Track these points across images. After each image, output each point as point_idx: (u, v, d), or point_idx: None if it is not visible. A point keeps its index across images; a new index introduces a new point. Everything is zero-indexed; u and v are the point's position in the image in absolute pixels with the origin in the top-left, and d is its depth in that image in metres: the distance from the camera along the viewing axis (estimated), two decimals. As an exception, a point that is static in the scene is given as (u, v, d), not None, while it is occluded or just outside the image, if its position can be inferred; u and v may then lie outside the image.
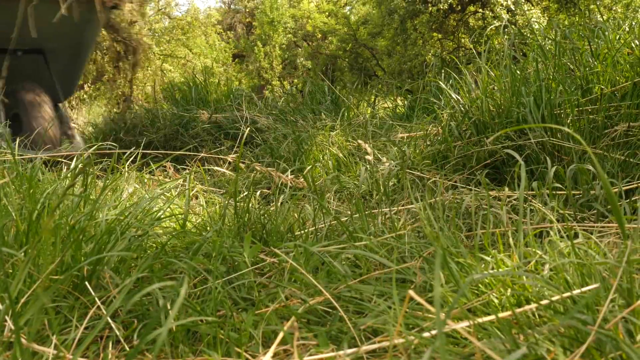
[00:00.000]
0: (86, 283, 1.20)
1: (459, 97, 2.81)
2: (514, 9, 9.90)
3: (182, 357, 1.06)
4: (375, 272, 1.32)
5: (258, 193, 2.39)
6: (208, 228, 1.77)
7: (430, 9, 10.85)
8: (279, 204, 1.98)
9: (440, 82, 3.26)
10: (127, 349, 1.08)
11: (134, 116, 5.05)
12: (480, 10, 10.57)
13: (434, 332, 0.93)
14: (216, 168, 2.73)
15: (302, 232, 1.76)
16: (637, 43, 2.52)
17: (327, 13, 16.89)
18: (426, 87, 4.51)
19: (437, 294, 0.69)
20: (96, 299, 1.15)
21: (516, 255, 1.21)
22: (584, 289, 0.99)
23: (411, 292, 0.80)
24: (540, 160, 2.15)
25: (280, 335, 1.01)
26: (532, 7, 10.26)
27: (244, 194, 2.11)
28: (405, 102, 5.08)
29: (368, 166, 2.61)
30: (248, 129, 2.69)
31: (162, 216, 1.74)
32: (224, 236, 1.61)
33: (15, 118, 3.99)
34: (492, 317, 0.95)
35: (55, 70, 4.33)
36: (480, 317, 0.97)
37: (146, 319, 1.17)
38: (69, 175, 2.01)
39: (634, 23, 2.91)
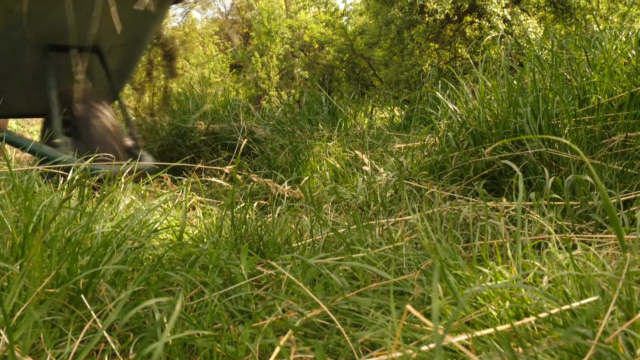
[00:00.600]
0: (82, 296, 1.19)
1: (456, 108, 2.82)
2: (510, 19, 9.95)
3: (178, 372, 1.06)
4: (373, 284, 1.31)
5: (255, 204, 2.38)
6: (205, 240, 1.76)
7: (427, 19, 10.88)
8: (276, 215, 1.98)
9: (437, 93, 3.27)
10: (123, 363, 1.07)
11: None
12: (477, 20, 10.61)
13: (432, 345, 0.92)
14: (213, 179, 2.72)
15: (300, 243, 1.75)
16: (634, 53, 2.53)
17: (324, 23, 16.96)
18: (423, 97, 4.52)
19: (435, 307, 0.68)
20: (92, 312, 1.14)
21: (514, 267, 1.21)
22: (583, 302, 0.98)
23: (409, 307, 0.79)
24: (538, 170, 2.15)
25: (277, 349, 1.00)
26: (529, 17, 10.29)
27: (241, 205, 2.10)
28: (403, 112, 5.08)
29: (365, 177, 2.61)
30: (245, 139, 2.69)
31: (158, 228, 1.74)
32: (221, 248, 1.60)
33: (67, 125, 3.41)
34: (491, 330, 0.94)
35: (110, 70, 3.82)
36: (479, 330, 0.97)
37: (142, 333, 1.16)
38: (65, 187, 2.00)
39: (630, 33, 2.92)
